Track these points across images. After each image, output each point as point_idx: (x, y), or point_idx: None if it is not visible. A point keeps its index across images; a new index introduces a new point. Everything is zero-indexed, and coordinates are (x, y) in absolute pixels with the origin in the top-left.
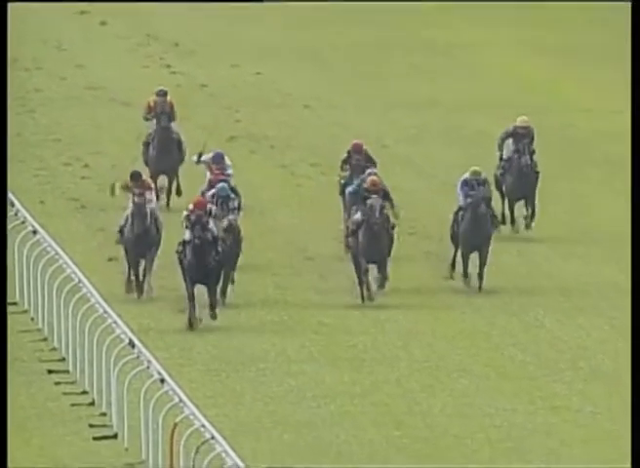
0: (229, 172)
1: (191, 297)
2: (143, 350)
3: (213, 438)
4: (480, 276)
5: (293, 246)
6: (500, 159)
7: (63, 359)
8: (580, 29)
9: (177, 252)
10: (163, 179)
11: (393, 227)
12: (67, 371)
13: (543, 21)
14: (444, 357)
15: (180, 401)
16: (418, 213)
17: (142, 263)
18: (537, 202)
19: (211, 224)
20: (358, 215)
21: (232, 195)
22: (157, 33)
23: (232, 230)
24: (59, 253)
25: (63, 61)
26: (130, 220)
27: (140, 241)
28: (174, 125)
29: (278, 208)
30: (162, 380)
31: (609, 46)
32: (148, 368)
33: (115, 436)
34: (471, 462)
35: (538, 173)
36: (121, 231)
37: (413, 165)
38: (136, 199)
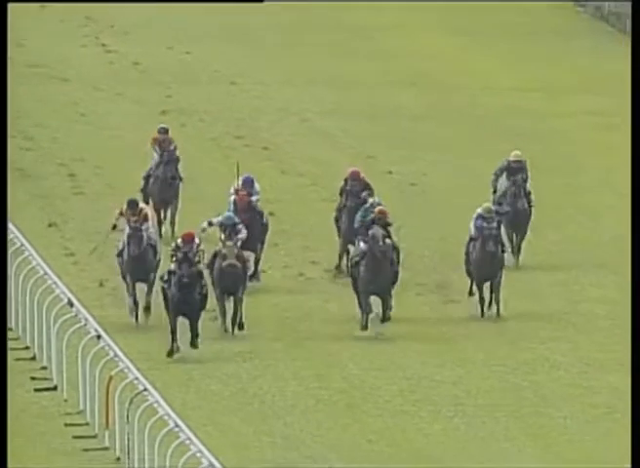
0: (255, 198)
1: (174, 330)
2: (81, 309)
3: (145, 390)
4: (496, 301)
5: (222, 209)
6: (494, 193)
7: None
8: (491, 10)
9: (161, 279)
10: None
11: (398, 256)
12: (10, 329)
13: (458, 5)
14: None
15: (115, 356)
16: (336, 181)
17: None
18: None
19: (197, 259)
20: (362, 246)
21: (237, 221)
22: (94, 16)
23: (242, 258)
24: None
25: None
26: (127, 245)
27: (137, 263)
28: (176, 155)
29: (207, 177)
30: (98, 337)
31: (521, 25)
32: (86, 325)
33: (55, 388)
34: (384, 411)
35: (532, 207)
36: (119, 255)
37: (331, 137)
38: (132, 224)
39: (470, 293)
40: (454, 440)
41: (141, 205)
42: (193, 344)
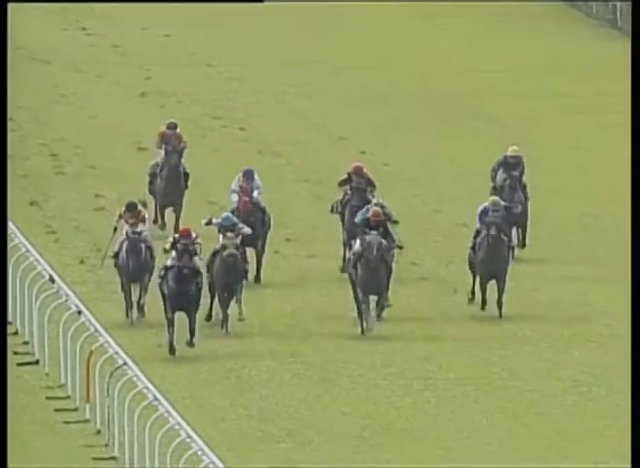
0: (257, 192)
1: (171, 323)
2: (62, 285)
3: (125, 364)
4: (499, 304)
5: (199, 189)
6: (494, 188)
7: None
8: None
9: (159, 277)
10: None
11: (393, 256)
12: None
13: None
14: (337, 295)
15: (96, 331)
16: (310, 161)
17: (136, 288)
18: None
19: (195, 256)
20: (358, 247)
21: (236, 221)
22: None
23: (242, 252)
24: None
25: None
26: (123, 247)
27: (134, 267)
28: (183, 158)
29: (185, 156)
30: (79, 312)
31: (488, 8)
32: (67, 301)
33: (37, 362)
34: (357, 385)
35: (528, 200)
36: (116, 256)
37: (306, 118)
38: (129, 228)
39: (472, 294)
40: (424, 413)
41: (140, 207)
42: (190, 343)
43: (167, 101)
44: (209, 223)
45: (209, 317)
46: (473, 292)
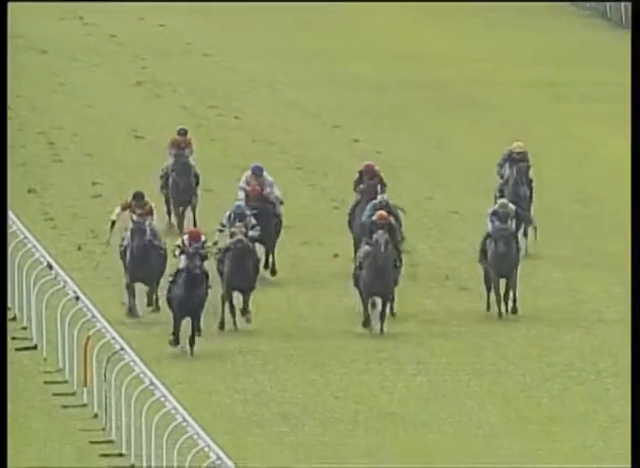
0: (269, 190)
1: (177, 330)
2: (60, 271)
3: (122, 349)
4: (513, 299)
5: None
6: (502, 184)
7: None
8: None
9: (169, 282)
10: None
11: (400, 260)
12: None
13: None
14: (330, 281)
15: (93, 317)
16: (303, 149)
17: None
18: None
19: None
20: (366, 248)
21: (248, 212)
22: None
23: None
24: None
25: None
26: (130, 240)
27: (139, 259)
28: (192, 159)
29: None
30: (77, 298)
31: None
32: (64, 287)
33: (35, 347)
34: (350, 370)
35: (532, 195)
36: (124, 251)
37: (299, 107)
38: (135, 218)
39: (488, 289)
40: (417, 396)
41: (147, 198)
42: (192, 343)
43: (162, 91)
44: (222, 228)
45: (222, 325)
46: (489, 289)
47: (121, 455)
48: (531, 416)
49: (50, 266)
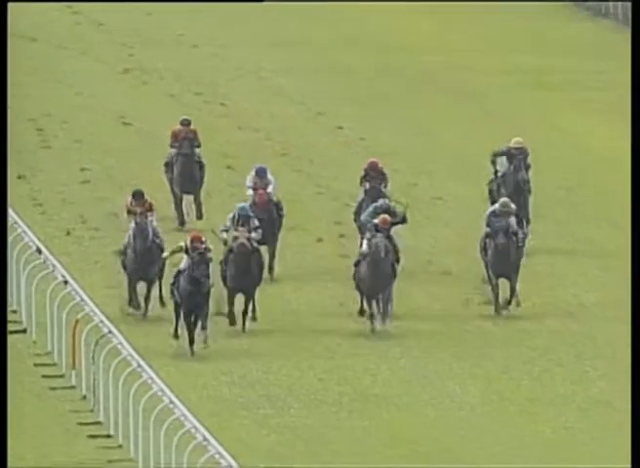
0: (271, 188)
1: (190, 326)
2: (49, 256)
3: (110, 332)
4: (513, 293)
5: None
6: (495, 174)
7: None
8: None
9: (171, 284)
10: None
11: (398, 261)
12: None
13: None
14: (314, 266)
15: (82, 300)
16: (289, 136)
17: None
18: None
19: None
20: (365, 248)
21: (251, 214)
22: None
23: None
24: None
25: None
26: (132, 240)
27: (142, 260)
28: (197, 151)
29: (167, 131)
30: (65, 282)
31: None
32: (53, 271)
33: (25, 330)
34: (335, 353)
35: (530, 192)
36: (124, 251)
37: (285, 95)
38: (137, 219)
39: (494, 290)
40: (400, 379)
41: (146, 196)
42: (191, 352)
43: (149, 78)
44: (225, 231)
45: (232, 321)
46: (495, 289)
47: (109, 436)
48: (512, 398)
49: (39, 251)
